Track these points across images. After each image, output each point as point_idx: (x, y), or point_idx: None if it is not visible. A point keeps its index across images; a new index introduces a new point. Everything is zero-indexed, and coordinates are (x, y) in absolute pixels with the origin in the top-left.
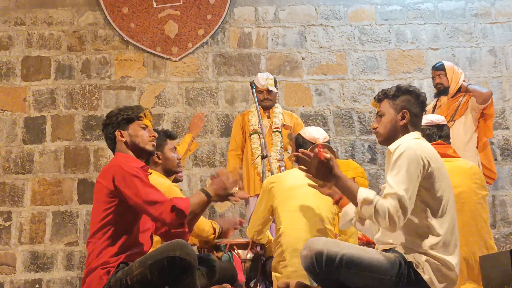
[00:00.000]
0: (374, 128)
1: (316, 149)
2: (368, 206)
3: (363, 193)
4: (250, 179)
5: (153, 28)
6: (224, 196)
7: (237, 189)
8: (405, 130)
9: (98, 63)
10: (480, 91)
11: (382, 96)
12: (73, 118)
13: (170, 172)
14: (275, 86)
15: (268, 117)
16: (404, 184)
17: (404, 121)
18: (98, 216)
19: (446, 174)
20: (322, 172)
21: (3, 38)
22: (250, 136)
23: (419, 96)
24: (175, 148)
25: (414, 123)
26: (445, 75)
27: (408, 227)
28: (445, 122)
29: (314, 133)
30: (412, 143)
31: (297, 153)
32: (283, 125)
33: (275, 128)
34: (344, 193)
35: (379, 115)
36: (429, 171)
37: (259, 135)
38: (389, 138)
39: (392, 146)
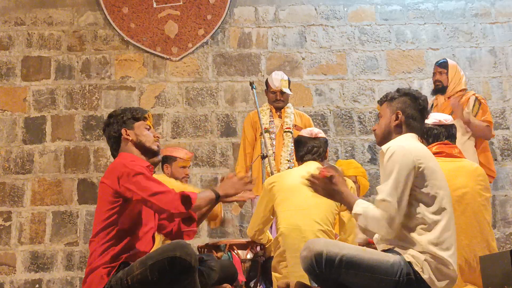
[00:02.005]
0: (374, 130)
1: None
2: (359, 217)
3: (355, 207)
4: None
5: (153, 28)
6: (232, 196)
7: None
8: (398, 131)
9: (98, 63)
10: (484, 134)
11: (383, 99)
12: (73, 118)
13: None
14: (289, 87)
15: (280, 117)
16: (393, 189)
17: (397, 121)
18: (102, 215)
19: (440, 173)
20: (327, 189)
21: (3, 38)
22: (261, 135)
23: (417, 99)
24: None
25: (409, 125)
26: (447, 73)
27: (405, 226)
28: (453, 122)
29: (312, 129)
30: (403, 144)
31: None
32: (294, 126)
33: (286, 128)
34: (349, 209)
35: (379, 117)
36: (420, 170)
37: (269, 134)
38: (384, 139)
39: (384, 147)
